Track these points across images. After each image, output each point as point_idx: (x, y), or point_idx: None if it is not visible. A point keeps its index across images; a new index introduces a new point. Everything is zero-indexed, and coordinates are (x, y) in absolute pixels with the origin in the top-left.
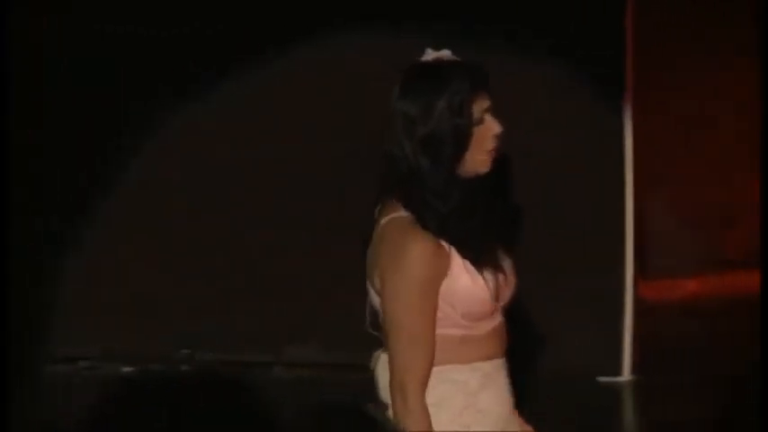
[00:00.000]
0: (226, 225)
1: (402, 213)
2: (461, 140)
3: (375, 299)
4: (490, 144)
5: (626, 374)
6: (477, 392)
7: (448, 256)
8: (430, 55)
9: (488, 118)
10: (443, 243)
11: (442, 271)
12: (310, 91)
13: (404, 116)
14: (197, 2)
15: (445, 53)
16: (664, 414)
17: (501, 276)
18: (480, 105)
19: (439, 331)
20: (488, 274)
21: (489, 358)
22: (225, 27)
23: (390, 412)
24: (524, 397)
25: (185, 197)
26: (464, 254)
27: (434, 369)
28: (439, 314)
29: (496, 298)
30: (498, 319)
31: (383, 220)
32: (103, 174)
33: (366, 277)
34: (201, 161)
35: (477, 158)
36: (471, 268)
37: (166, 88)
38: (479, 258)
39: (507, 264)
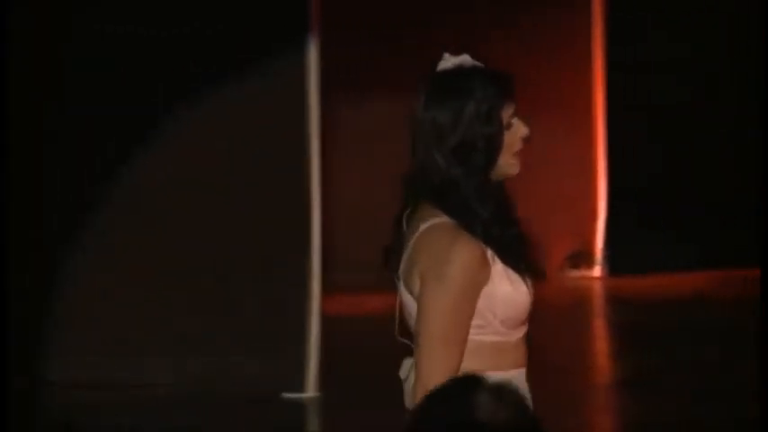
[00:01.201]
0: None
1: (444, 219)
2: (493, 148)
3: (410, 304)
4: (518, 146)
5: (311, 391)
6: None
7: (489, 264)
8: (449, 60)
9: (516, 122)
10: (487, 250)
11: (483, 279)
12: None
13: (432, 125)
14: None
15: (465, 58)
16: (348, 431)
17: (533, 284)
18: (508, 111)
19: (477, 337)
20: (528, 280)
21: (518, 367)
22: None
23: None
24: None
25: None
26: (505, 260)
27: None
28: (480, 321)
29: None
30: (527, 327)
31: (423, 226)
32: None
33: (398, 284)
34: None
35: (508, 162)
36: (513, 275)
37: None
38: (520, 264)
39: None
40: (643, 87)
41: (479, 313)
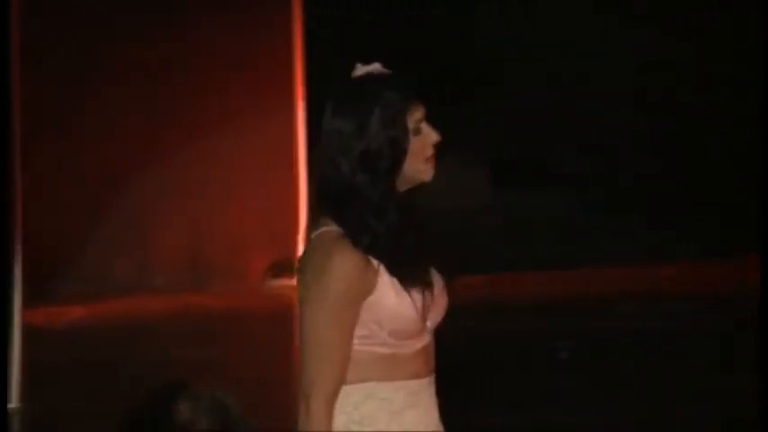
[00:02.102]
0: None
1: (332, 227)
2: (398, 153)
3: None
4: (429, 152)
5: (14, 402)
6: (402, 411)
7: (375, 273)
8: (360, 70)
9: (424, 126)
10: (372, 259)
11: (366, 287)
12: None
13: (338, 134)
14: None
15: (375, 66)
16: None
17: (429, 296)
18: (414, 115)
19: (365, 348)
20: (416, 293)
21: (416, 377)
22: None
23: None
24: None
25: None
26: (392, 271)
27: (359, 386)
28: (365, 332)
29: (424, 317)
30: (427, 338)
31: (312, 235)
32: None
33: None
34: None
35: (418, 168)
36: (399, 286)
37: None
38: (408, 277)
39: (438, 283)
40: None
41: (363, 324)
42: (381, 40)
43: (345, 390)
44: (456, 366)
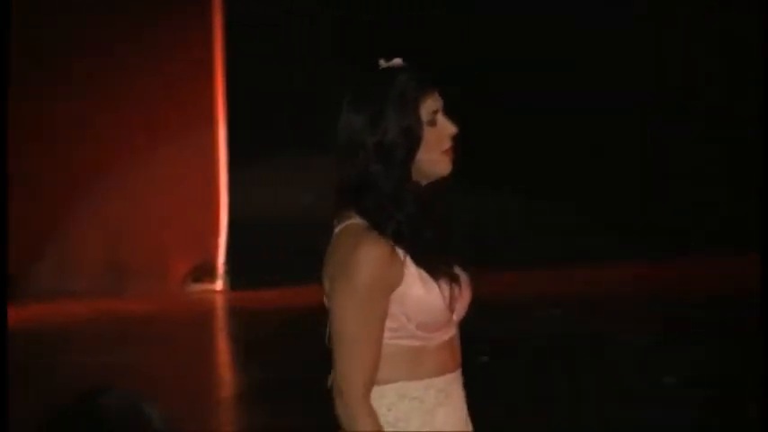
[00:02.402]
0: None
1: (356, 220)
2: (411, 143)
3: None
4: (446, 144)
5: None
6: (434, 410)
7: (402, 264)
8: (381, 65)
9: (440, 118)
10: (399, 251)
11: (393, 279)
12: None
13: (353, 125)
14: None
15: (396, 61)
16: None
17: (456, 288)
18: (430, 106)
19: (394, 342)
20: (444, 284)
21: (443, 373)
22: None
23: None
24: None
25: None
26: (419, 263)
27: (391, 386)
28: (394, 324)
29: (452, 309)
30: (453, 331)
31: (337, 228)
32: None
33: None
34: None
35: (434, 159)
36: (426, 277)
37: None
38: (435, 267)
39: (463, 276)
40: (265, 107)
41: (393, 316)
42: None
43: (378, 391)
44: None
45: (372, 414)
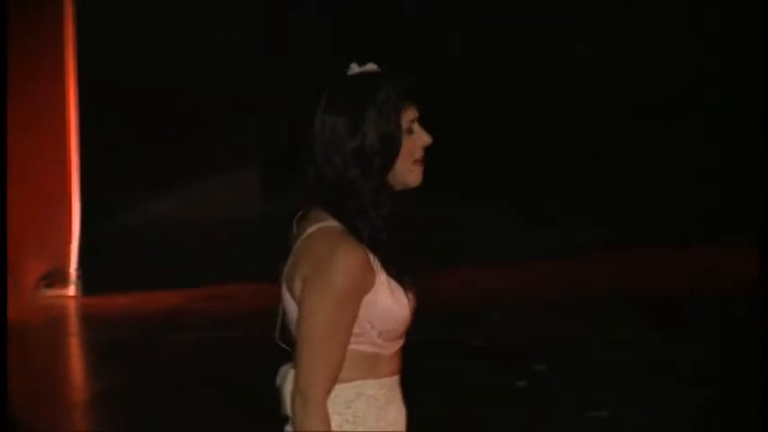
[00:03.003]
0: None
1: (331, 223)
2: (391, 150)
3: (292, 308)
4: (418, 154)
5: None
6: (386, 407)
7: (374, 271)
8: (355, 69)
9: (417, 128)
10: (372, 257)
11: (366, 285)
12: None
13: (332, 129)
14: None
15: (370, 66)
16: None
17: (413, 298)
18: (409, 115)
19: (354, 347)
20: (410, 295)
21: (392, 374)
22: None
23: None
24: None
25: None
26: (389, 271)
27: (349, 384)
28: (357, 330)
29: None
30: (403, 340)
31: (310, 229)
32: None
33: (282, 287)
34: None
35: (407, 169)
36: (395, 286)
37: None
38: (403, 277)
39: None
40: (119, 104)
41: (358, 322)
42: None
43: (337, 389)
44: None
45: (327, 418)
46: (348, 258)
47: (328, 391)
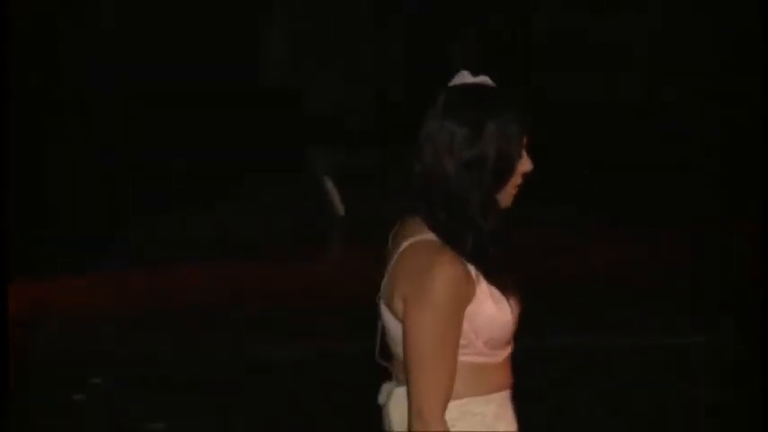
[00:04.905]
0: None
1: (427, 236)
2: (506, 169)
3: (393, 326)
4: (519, 179)
5: None
6: (494, 424)
7: (474, 283)
8: (467, 78)
9: (524, 155)
10: (471, 268)
11: (467, 297)
12: None
13: (450, 134)
14: None
15: (485, 78)
16: None
17: (517, 305)
18: (523, 141)
19: (461, 358)
20: (513, 302)
21: (501, 389)
22: None
23: None
24: None
25: None
26: (491, 280)
27: (455, 403)
28: (463, 341)
29: (517, 325)
30: (511, 347)
31: (405, 243)
32: None
33: (380, 304)
34: None
35: (508, 192)
36: (498, 295)
37: None
38: (505, 285)
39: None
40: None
41: (463, 334)
42: None
43: None
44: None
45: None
46: (446, 273)
47: (445, 407)
